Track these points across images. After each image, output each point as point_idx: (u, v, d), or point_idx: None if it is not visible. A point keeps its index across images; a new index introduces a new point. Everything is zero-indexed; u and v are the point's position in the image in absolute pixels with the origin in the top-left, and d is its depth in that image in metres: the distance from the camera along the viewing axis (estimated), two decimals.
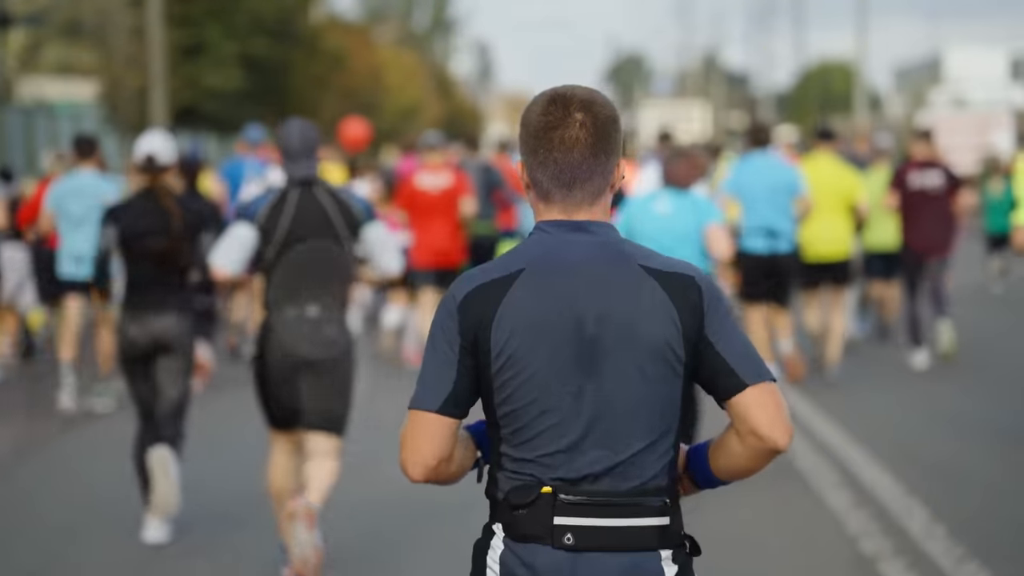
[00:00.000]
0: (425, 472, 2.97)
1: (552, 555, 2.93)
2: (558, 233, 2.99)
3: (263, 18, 34.55)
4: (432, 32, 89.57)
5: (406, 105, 56.27)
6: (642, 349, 2.92)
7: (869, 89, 63.51)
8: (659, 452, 2.96)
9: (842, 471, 8.79)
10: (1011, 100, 60.52)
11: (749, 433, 2.93)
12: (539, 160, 3.00)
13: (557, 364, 2.92)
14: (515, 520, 2.95)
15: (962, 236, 21.96)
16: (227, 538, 7.46)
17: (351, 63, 44.20)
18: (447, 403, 2.95)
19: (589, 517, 2.93)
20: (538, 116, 3.01)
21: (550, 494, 2.93)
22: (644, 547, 2.95)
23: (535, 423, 2.93)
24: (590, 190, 3.00)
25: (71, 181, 11.06)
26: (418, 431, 2.96)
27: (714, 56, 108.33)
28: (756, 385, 2.93)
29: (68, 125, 31.42)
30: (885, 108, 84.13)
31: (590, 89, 3.05)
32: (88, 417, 11.09)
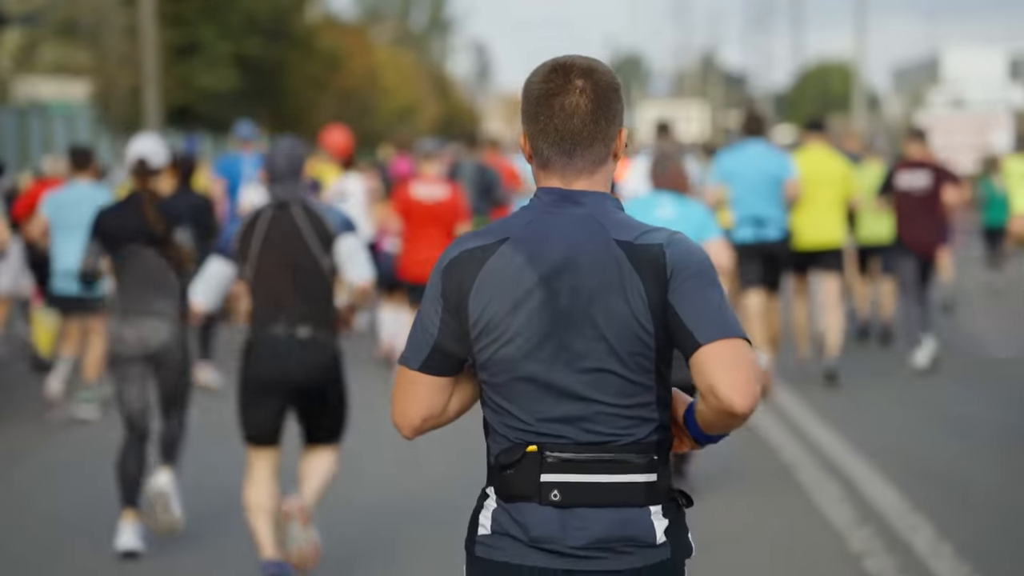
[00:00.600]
0: (412, 431, 3.07)
1: (541, 512, 2.97)
2: (549, 202, 3.02)
3: (257, 18, 34.31)
4: (429, 32, 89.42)
5: (403, 105, 56.08)
6: (610, 323, 2.94)
7: (867, 89, 63.36)
8: (639, 416, 2.98)
9: (844, 483, 8.56)
10: (1010, 100, 60.40)
11: (708, 392, 2.90)
12: (540, 127, 3.01)
13: (530, 333, 2.96)
14: (505, 481, 3.00)
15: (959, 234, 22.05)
16: (216, 542, 7.46)
17: (347, 63, 44.01)
18: (428, 361, 3.01)
19: (575, 473, 2.96)
20: (539, 84, 3.02)
21: (536, 452, 2.97)
22: (632, 502, 2.98)
23: (512, 387, 2.98)
24: (591, 157, 3.02)
25: (67, 192, 10.99)
26: (403, 389, 3.06)
27: (712, 56, 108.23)
28: (714, 342, 2.89)
29: (62, 125, 31.24)
30: (883, 108, 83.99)
31: (591, 58, 3.06)
32: (71, 424, 11.06)
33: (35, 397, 11.93)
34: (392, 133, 43.31)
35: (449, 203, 12.57)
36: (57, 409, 11.28)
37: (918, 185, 12.81)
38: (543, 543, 2.98)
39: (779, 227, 11.42)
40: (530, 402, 2.98)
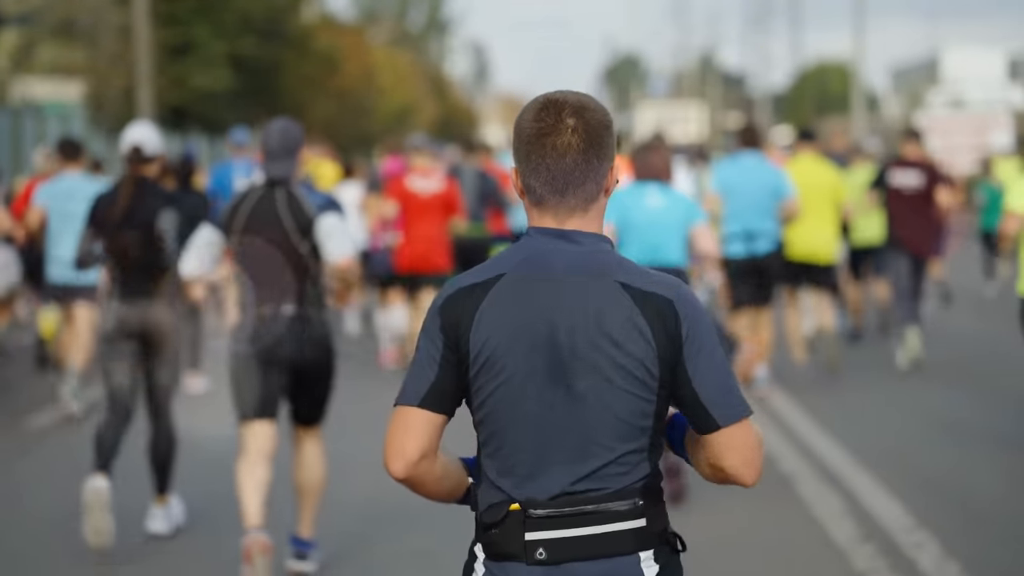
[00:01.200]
0: (406, 467, 2.99)
1: (527, 572, 2.94)
2: (543, 240, 3.01)
3: (252, 17, 34.05)
4: (427, 32, 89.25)
5: (400, 106, 55.89)
6: (614, 366, 2.92)
7: (866, 90, 63.20)
8: (631, 463, 2.96)
9: (845, 495, 8.32)
10: (1009, 100, 60.24)
11: (718, 468, 2.97)
12: (532, 167, 3.01)
13: (529, 372, 2.94)
14: (491, 539, 2.98)
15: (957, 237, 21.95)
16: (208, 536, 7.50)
17: (344, 64, 43.80)
18: (428, 397, 2.98)
19: (560, 529, 2.93)
20: (530, 123, 3.02)
21: (519, 511, 2.95)
22: (620, 551, 2.95)
23: (506, 430, 2.96)
24: (583, 196, 3.01)
25: (59, 183, 11.04)
26: (400, 426, 3.00)
27: (710, 57, 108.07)
28: (730, 427, 2.93)
29: (56, 126, 31.07)
30: (882, 109, 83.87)
31: (582, 94, 3.06)
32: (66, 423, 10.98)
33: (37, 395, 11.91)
34: (389, 134, 43.12)
35: (444, 195, 12.58)
36: (76, 414, 11.08)
37: (910, 184, 12.85)
38: None
39: (770, 240, 11.38)
40: (518, 449, 2.96)
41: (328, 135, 35.22)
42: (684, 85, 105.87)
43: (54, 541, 7.50)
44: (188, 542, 7.45)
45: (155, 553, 7.27)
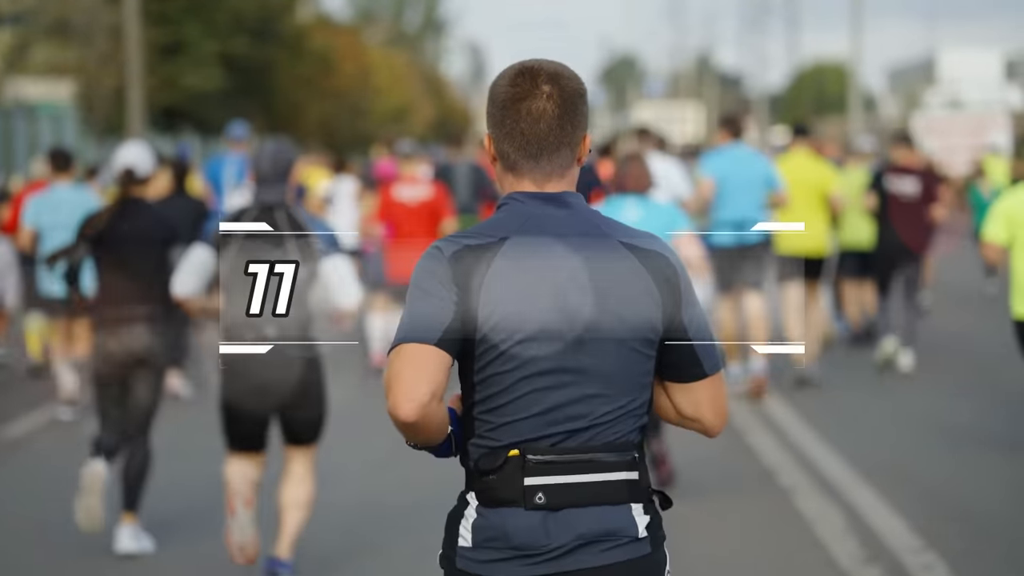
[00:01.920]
0: (419, 409, 2.88)
1: (525, 516, 2.96)
2: (534, 205, 3.02)
3: (244, 17, 33.75)
4: (423, 33, 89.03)
5: (396, 106, 55.65)
6: (624, 325, 2.98)
7: (863, 90, 63.04)
8: (633, 415, 3.03)
9: (847, 512, 8.00)
10: (1007, 101, 60.04)
11: (695, 419, 3.08)
12: (506, 131, 3.02)
13: (540, 334, 2.94)
14: (487, 486, 2.98)
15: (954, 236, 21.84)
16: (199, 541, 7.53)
17: (339, 64, 43.56)
18: (445, 336, 2.91)
19: (559, 475, 2.97)
20: (505, 88, 3.02)
21: (518, 456, 2.96)
22: (615, 500, 3.00)
23: (513, 389, 2.96)
24: (558, 162, 3.03)
25: (49, 195, 11.02)
26: (413, 365, 2.89)
27: (707, 57, 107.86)
28: (712, 376, 3.07)
29: (48, 126, 30.87)
30: (879, 109, 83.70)
31: (557, 63, 3.06)
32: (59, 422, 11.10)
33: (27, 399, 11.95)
34: (384, 135, 42.89)
35: (433, 202, 12.56)
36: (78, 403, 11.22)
37: (907, 191, 12.86)
38: (526, 550, 2.97)
39: (760, 232, 11.34)
40: (526, 406, 2.97)
41: (324, 135, 35.02)
42: (681, 86, 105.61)
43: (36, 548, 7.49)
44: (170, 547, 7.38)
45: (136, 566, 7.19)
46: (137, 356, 7.22)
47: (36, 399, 11.96)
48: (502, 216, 3.03)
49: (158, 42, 31.44)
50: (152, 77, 30.50)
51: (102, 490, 6.97)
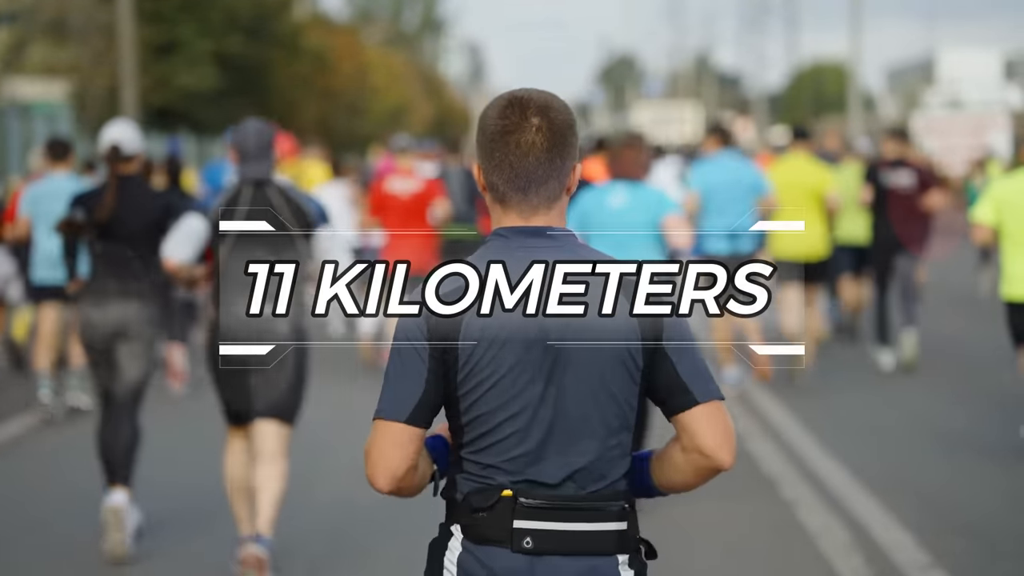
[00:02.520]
0: (393, 482, 2.99)
1: (511, 559, 2.96)
2: (518, 239, 3.02)
3: (238, 15, 33.55)
4: (421, 32, 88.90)
5: (394, 106, 55.52)
6: (603, 357, 2.96)
7: (862, 90, 62.92)
8: (617, 457, 3.01)
9: (851, 525, 7.76)
10: (1007, 101, 59.92)
11: (695, 450, 2.98)
12: (495, 164, 3.03)
13: (520, 370, 2.96)
14: (474, 522, 2.98)
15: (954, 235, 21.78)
16: (192, 540, 7.50)
17: (336, 63, 43.41)
18: (415, 412, 2.97)
19: (549, 521, 2.96)
20: (495, 120, 3.03)
21: (510, 498, 2.96)
22: (602, 551, 2.98)
23: (498, 429, 2.97)
24: (545, 194, 3.03)
25: (45, 184, 11.01)
26: (386, 441, 2.98)
27: (706, 57, 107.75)
28: (706, 403, 2.98)
29: (43, 126, 30.75)
30: (879, 109, 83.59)
31: (547, 93, 3.07)
32: (58, 419, 11.12)
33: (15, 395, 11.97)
34: (382, 134, 42.74)
35: (424, 194, 12.56)
36: (55, 412, 11.19)
37: (902, 184, 12.87)
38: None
39: (752, 238, 11.45)
40: (512, 445, 2.97)
41: (321, 135, 34.83)
42: (679, 86, 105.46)
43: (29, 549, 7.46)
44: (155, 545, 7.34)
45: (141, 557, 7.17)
46: (121, 328, 7.20)
47: (28, 399, 11.86)
48: (485, 252, 3.04)
49: (152, 41, 31.27)
50: (146, 76, 30.34)
51: (125, 523, 7.01)
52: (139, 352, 7.26)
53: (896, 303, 12.91)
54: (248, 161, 6.59)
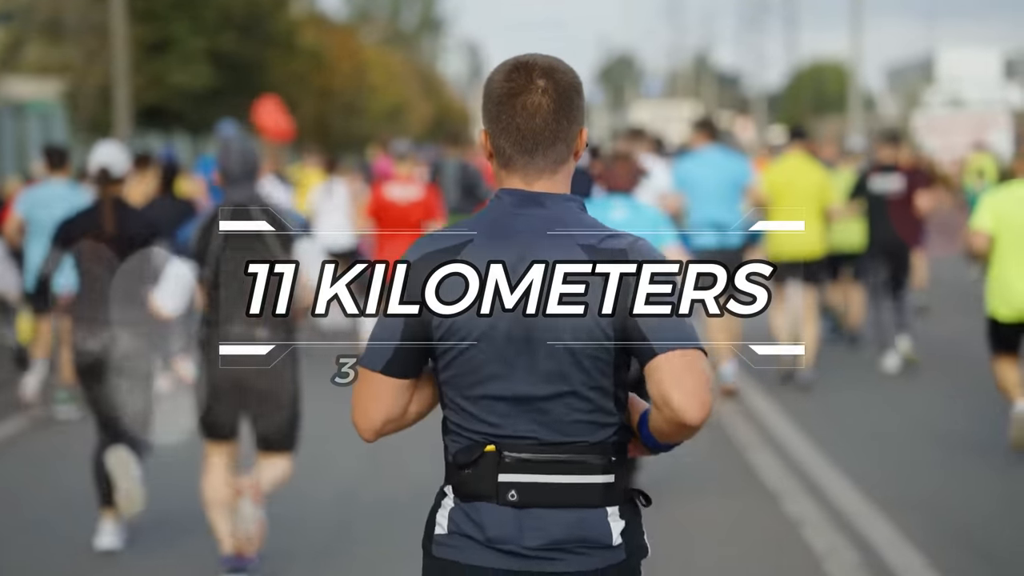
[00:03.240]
0: (373, 434, 3.08)
1: (498, 511, 3.00)
2: (512, 203, 3.04)
3: (233, 13, 33.29)
4: (420, 32, 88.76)
5: (392, 105, 55.32)
6: (570, 326, 2.96)
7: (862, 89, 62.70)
8: (598, 420, 3.00)
9: (858, 542, 7.45)
10: (1008, 100, 59.77)
11: (661, 402, 2.92)
12: (502, 126, 3.03)
13: (494, 334, 2.98)
14: (462, 480, 3.03)
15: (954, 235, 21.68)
16: (178, 543, 7.49)
17: (333, 62, 43.19)
18: (390, 364, 3.03)
19: (533, 474, 2.99)
20: (500, 83, 3.04)
21: (494, 452, 3.00)
22: (588, 503, 2.99)
23: (474, 388, 3.01)
24: (553, 157, 3.05)
25: (41, 191, 11.10)
26: (365, 391, 3.06)
27: (705, 56, 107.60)
28: (669, 352, 2.91)
29: (37, 125, 30.57)
30: (878, 109, 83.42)
31: (552, 57, 3.07)
32: (52, 421, 11.19)
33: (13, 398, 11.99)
34: (380, 134, 42.57)
35: (423, 203, 12.60)
36: (36, 408, 11.41)
37: (892, 188, 12.91)
38: (499, 544, 3.00)
39: (741, 234, 11.43)
40: (491, 403, 3.01)
41: (318, 134, 34.64)
42: (679, 85, 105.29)
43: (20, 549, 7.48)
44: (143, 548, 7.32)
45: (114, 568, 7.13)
46: (115, 359, 7.19)
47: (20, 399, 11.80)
48: (480, 214, 3.07)
49: (145, 39, 31.02)
50: (139, 75, 30.11)
51: (134, 472, 7.00)
52: (138, 383, 7.24)
53: (890, 308, 12.90)
54: (233, 184, 6.56)
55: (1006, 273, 8.94)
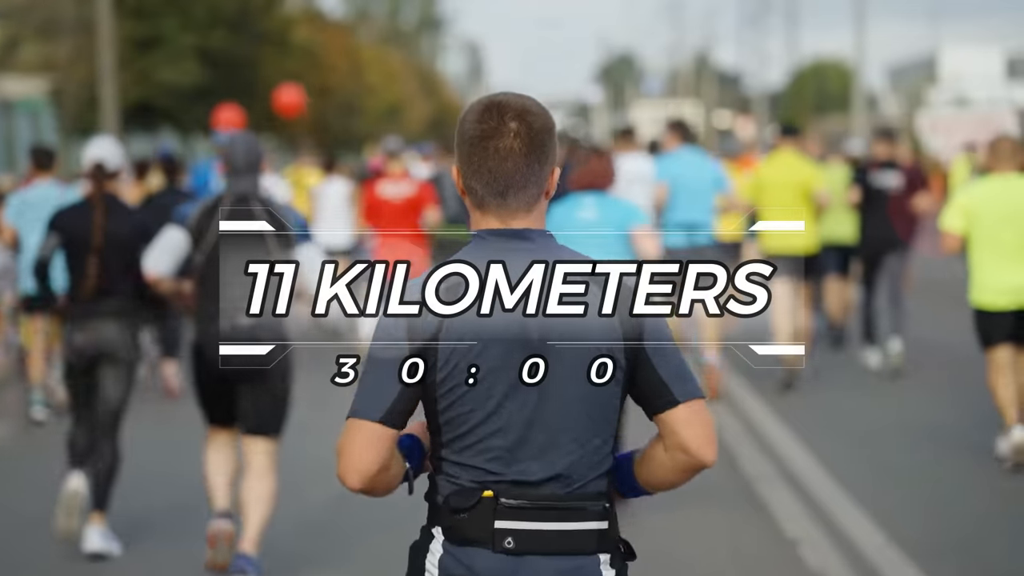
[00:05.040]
0: (363, 481, 3.02)
1: (492, 559, 2.98)
2: (498, 242, 3.05)
3: (223, 10, 32.80)
4: (419, 31, 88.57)
5: (390, 105, 54.91)
6: (585, 356, 2.97)
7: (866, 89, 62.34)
8: (599, 457, 3.03)
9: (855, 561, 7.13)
10: (1012, 99, 59.33)
11: (677, 449, 2.99)
12: (474, 168, 3.06)
13: (501, 372, 2.97)
14: (455, 524, 3.00)
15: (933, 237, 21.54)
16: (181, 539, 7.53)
17: (329, 60, 42.73)
18: (390, 413, 3.00)
19: (530, 521, 2.98)
20: (473, 124, 3.06)
21: (491, 498, 2.99)
22: (583, 551, 3.00)
23: (477, 429, 2.99)
24: (524, 199, 3.06)
25: (29, 192, 11.17)
26: (358, 440, 3.00)
27: (706, 55, 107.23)
28: (687, 403, 2.99)
29: (26, 123, 30.29)
30: (881, 108, 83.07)
31: (525, 97, 3.09)
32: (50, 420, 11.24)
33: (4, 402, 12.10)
34: (379, 133, 42.21)
35: (416, 198, 12.69)
36: None
37: (891, 185, 13.04)
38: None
39: (710, 233, 11.67)
40: (492, 446, 2.99)
41: (315, 134, 34.15)
42: (679, 84, 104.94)
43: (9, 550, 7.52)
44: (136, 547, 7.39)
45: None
46: (104, 351, 7.26)
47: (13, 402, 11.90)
48: (469, 250, 3.07)
49: (134, 36, 30.56)
50: (127, 72, 29.63)
51: (81, 509, 7.17)
52: (121, 376, 7.30)
53: (885, 306, 12.96)
54: (237, 176, 6.69)
55: (983, 266, 9.09)
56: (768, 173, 12.42)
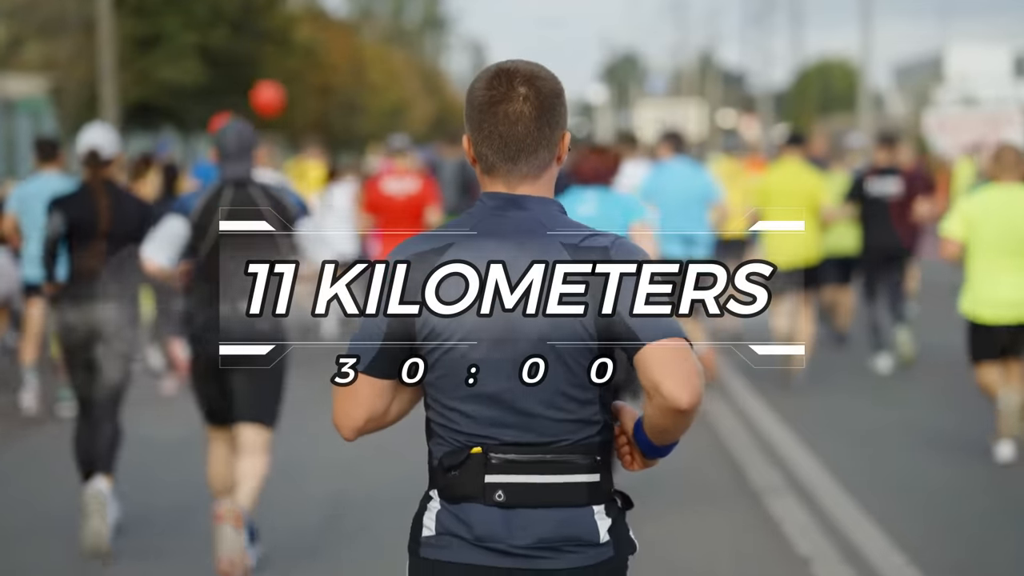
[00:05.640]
0: (354, 433, 3.16)
1: (486, 511, 3.06)
2: (494, 207, 3.10)
3: (224, 8, 32.60)
4: (423, 30, 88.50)
5: (393, 104, 54.71)
6: (553, 325, 3.00)
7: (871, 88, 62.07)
8: (583, 418, 3.06)
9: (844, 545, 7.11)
10: (1020, 97, 59.03)
11: (653, 390, 2.98)
12: (484, 134, 3.10)
13: (477, 337, 3.02)
14: (449, 483, 3.08)
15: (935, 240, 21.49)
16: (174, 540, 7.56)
17: (332, 59, 42.52)
18: (373, 364, 3.09)
19: (519, 474, 3.05)
20: (482, 91, 3.10)
21: (480, 454, 3.06)
22: (575, 503, 3.05)
23: (459, 390, 3.06)
24: (535, 163, 3.11)
25: (33, 184, 11.14)
26: (346, 391, 3.12)
27: (710, 54, 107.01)
28: (657, 342, 2.97)
29: (26, 122, 30.20)
30: (888, 107, 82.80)
31: (533, 63, 3.15)
32: (52, 418, 11.28)
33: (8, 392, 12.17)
34: (382, 132, 42.06)
35: (420, 196, 12.70)
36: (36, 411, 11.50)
37: (890, 191, 13.00)
38: (488, 542, 3.05)
39: (706, 246, 11.57)
40: (476, 405, 3.05)
41: (317, 133, 33.90)
42: (683, 83, 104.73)
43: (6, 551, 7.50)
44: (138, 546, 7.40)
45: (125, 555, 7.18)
46: (99, 331, 7.27)
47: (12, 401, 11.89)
48: (464, 218, 3.11)
49: (135, 34, 30.38)
50: (126, 70, 29.46)
51: (105, 510, 7.05)
52: (119, 354, 7.31)
53: (885, 306, 13.01)
54: (229, 161, 6.73)
55: (979, 277, 9.06)
56: (774, 181, 12.48)
